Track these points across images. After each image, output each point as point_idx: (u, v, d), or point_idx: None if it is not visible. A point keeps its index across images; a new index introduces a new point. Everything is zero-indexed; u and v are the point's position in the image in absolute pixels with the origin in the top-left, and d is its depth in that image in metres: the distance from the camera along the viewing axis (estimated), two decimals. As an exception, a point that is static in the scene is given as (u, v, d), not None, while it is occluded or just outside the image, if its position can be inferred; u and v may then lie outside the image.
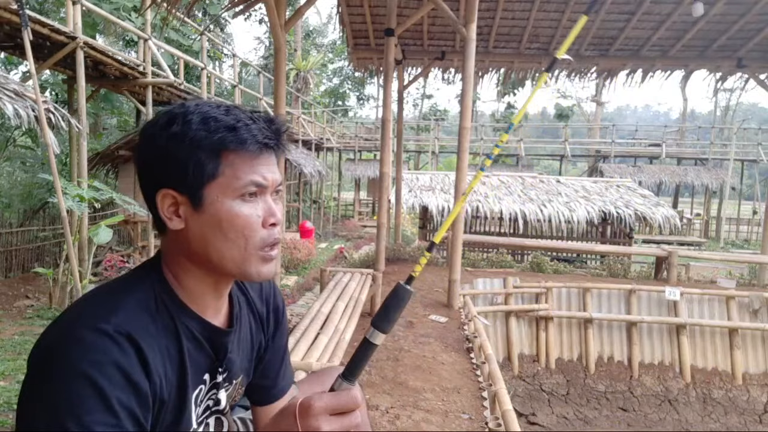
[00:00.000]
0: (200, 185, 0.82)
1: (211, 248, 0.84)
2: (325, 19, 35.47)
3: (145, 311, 0.81)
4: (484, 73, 9.78)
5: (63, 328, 0.77)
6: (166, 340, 0.83)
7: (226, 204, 0.82)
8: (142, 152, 0.86)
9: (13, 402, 3.75)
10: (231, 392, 1.00)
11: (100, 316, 0.76)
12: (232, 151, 0.82)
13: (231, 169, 0.82)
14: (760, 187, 23.08)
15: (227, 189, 0.82)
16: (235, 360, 0.97)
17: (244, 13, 5.91)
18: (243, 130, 0.82)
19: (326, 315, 3.52)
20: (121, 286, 0.85)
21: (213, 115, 0.83)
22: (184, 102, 0.87)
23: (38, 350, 0.77)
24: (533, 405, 6.26)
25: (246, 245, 0.84)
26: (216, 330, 0.91)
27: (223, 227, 0.82)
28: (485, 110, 42.14)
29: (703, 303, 6.59)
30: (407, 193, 10.33)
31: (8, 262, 8.34)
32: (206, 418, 0.95)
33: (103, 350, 0.73)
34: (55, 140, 5.21)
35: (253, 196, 0.84)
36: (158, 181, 0.84)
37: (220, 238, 0.83)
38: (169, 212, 0.84)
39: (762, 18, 7.76)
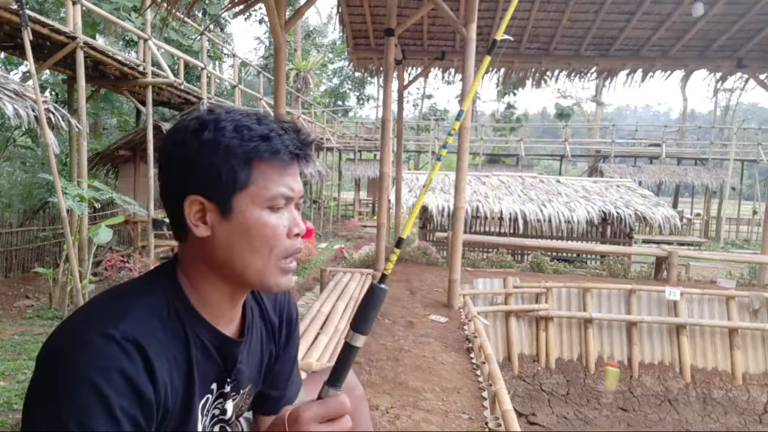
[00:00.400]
0: (231, 193, 0.82)
1: (236, 257, 0.84)
2: (325, 19, 35.50)
3: (155, 317, 0.81)
4: (485, 73, 9.77)
5: (71, 331, 0.77)
6: (174, 348, 0.82)
7: (255, 213, 0.83)
8: (170, 157, 0.85)
9: (13, 402, 3.75)
10: (238, 402, 0.99)
11: (109, 321, 0.76)
12: (264, 161, 0.83)
13: (263, 179, 0.83)
14: (760, 187, 23.08)
15: (257, 198, 0.83)
16: (244, 370, 0.97)
17: (244, 13, 5.91)
18: (276, 140, 0.83)
19: (326, 315, 3.52)
20: (133, 290, 0.85)
21: (246, 123, 0.83)
22: (212, 109, 0.87)
23: (46, 352, 0.77)
24: (533, 405, 6.26)
25: (270, 255, 0.84)
26: (227, 339, 0.91)
27: (251, 236, 0.83)
28: (485, 110, 42.18)
29: (703, 303, 6.59)
30: (407, 193, 10.33)
31: (8, 262, 8.34)
32: (212, 426, 0.95)
33: (110, 356, 0.73)
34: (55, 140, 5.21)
35: (280, 207, 0.85)
36: (187, 187, 0.83)
37: (247, 247, 0.83)
38: (196, 219, 0.83)
39: (762, 18, 7.76)
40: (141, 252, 8.58)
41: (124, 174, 11.27)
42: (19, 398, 3.82)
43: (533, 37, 8.80)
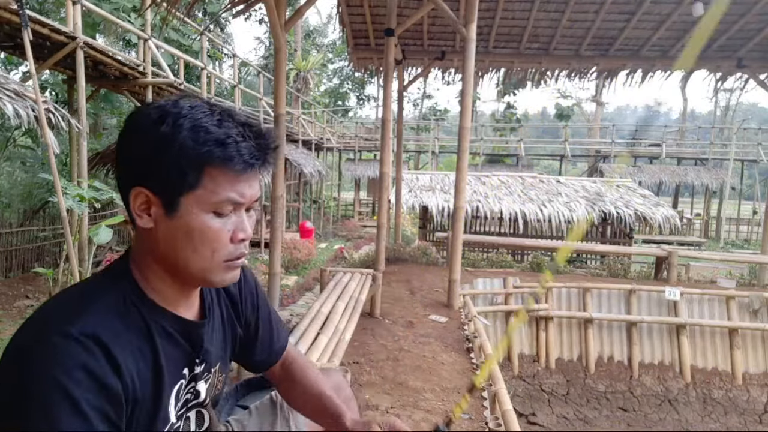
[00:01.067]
0: (178, 192, 0.81)
1: (177, 254, 0.84)
2: (325, 19, 35.46)
3: (113, 311, 0.81)
4: (484, 73, 9.77)
5: (33, 331, 0.78)
6: (138, 341, 0.83)
7: (200, 216, 0.82)
8: (124, 143, 0.85)
9: (13, 402, 3.75)
10: (212, 381, 1.01)
11: (68, 320, 0.76)
12: (215, 167, 0.81)
13: (212, 183, 0.81)
14: (760, 187, 23.08)
15: (204, 202, 0.82)
16: (211, 350, 0.99)
17: (244, 13, 5.91)
18: (231, 147, 0.81)
19: (326, 315, 3.52)
20: (91, 287, 0.86)
21: (204, 124, 0.81)
22: (178, 101, 0.85)
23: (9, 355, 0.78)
24: (533, 405, 6.26)
25: (212, 257, 0.84)
26: (189, 323, 0.92)
27: (193, 238, 0.83)
28: (485, 110, 42.17)
29: (703, 303, 6.59)
30: (407, 193, 10.33)
31: (8, 262, 8.34)
32: (186, 412, 0.96)
33: (71, 354, 0.74)
34: (55, 140, 5.21)
35: (229, 211, 0.84)
36: (135, 177, 0.83)
37: (189, 248, 0.83)
38: (140, 210, 0.84)
39: (762, 18, 7.76)
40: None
41: (124, 174, 11.26)
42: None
43: (533, 37, 8.80)
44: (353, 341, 3.78)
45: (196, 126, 0.81)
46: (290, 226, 15.10)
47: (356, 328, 3.74)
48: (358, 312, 3.91)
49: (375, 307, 4.91)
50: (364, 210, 22.56)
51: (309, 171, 14.62)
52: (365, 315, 4.68)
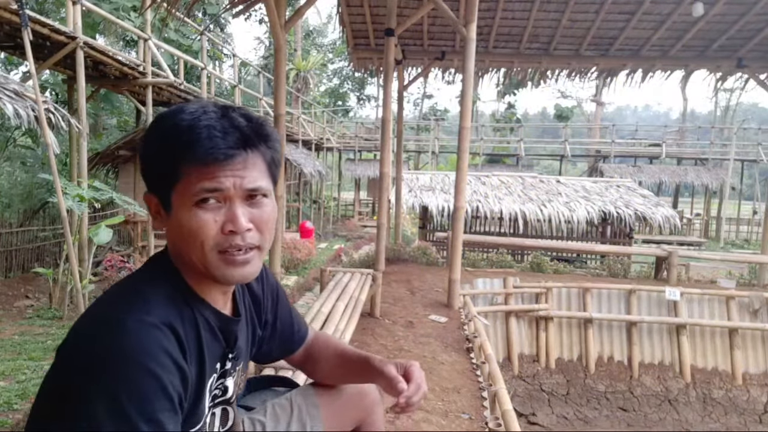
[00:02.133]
0: (166, 191, 0.85)
1: (182, 250, 0.87)
2: (325, 19, 35.46)
3: (172, 303, 0.85)
4: (484, 73, 9.77)
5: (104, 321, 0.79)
6: (190, 331, 0.86)
7: (186, 210, 0.84)
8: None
9: (13, 402, 3.75)
10: (237, 379, 1.04)
11: (142, 309, 0.79)
12: (187, 159, 0.82)
13: (187, 176, 0.83)
14: (760, 187, 23.09)
15: (185, 196, 0.84)
16: (242, 346, 1.02)
17: (244, 13, 5.91)
18: (194, 141, 0.81)
19: (326, 315, 3.52)
20: (146, 280, 0.89)
21: (177, 119, 0.84)
22: (173, 106, 0.90)
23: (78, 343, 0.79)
24: (533, 405, 6.26)
25: (202, 248, 0.85)
26: (228, 319, 0.96)
27: (183, 231, 0.85)
28: (485, 110, 42.17)
29: (703, 303, 6.59)
30: (407, 193, 10.32)
31: (8, 262, 8.35)
32: (213, 407, 0.97)
33: (154, 339, 0.77)
34: (55, 140, 5.21)
35: (213, 203, 0.84)
36: (146, 184, 0.89)
37: (183, 241, 0.86)
38: (154, 212, 0.89)
39: (762, 18, 7.76)
40: (141, 252, 8.58)
41: (124, 174, 11.27)
42: (19, 398, 3.82)
43: (533, 37, 8.80)
44: (353, 341, 3.78)
45: (169, 124, 0.84)
46: (290, 226, 15.10)
47: (356, 328, 3.74)
48: (358, 312, 3.90)
49: (375, 307, 4.91)
50: (364, 210, 22.55)
51: (309, 171, 14.62)
52: (365, 315, 4.68)
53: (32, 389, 3.97)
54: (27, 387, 4.03)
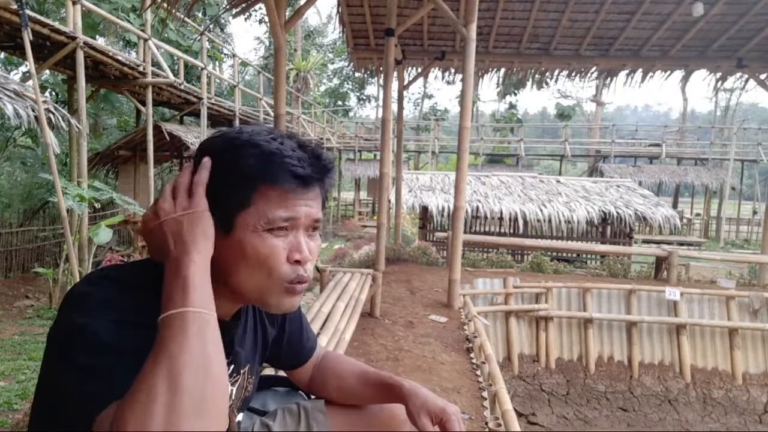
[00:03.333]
0: (233, 212, 0.82)
1: (234, 274, 0.85)
2: (325, 19, 35.46)
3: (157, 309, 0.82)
4: (484, 73, 9.77)
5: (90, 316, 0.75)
6: None
7: (254, 236, 0.82)
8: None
9: (13, 402, 3.75)
10: (240, 383, 1.02)
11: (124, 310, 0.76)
12: (266, 184, 0.82)
13: (264, 201, 0.82)
14: (760, 187, 23.10)
15: (258, 220, 0.82)
16: (241, 351, 1.00)
17: (244, 13, 5.91)
18: (280, 164, 0.82)
19: (326, 315, 3.52)
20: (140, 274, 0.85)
21: (255, 143, 0.83)
22: (242, 128, 0.88)
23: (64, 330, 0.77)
24: (533, 405, 6.26)
25: (269, 276, 0.84)
26: (222, 324, 0.91)
27: (248, 257, 0.83)
28: (485, 110, 42.18)
29: (703, 303, 6.59)
30: (407, 193, 10.33)
31: (8, 262, 8.35)
32: None
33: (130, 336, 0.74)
34: (55, 140, 5.21)
35: (283, 230, 0.84)
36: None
37: (244, 266, 0.84)
38: None
39: (762, 18, 7.75)
40: (141, 252, 8.58)
41: (124, 174, 11.28)
42: (19, 398, 3.82)
43: (533, 37, 8.80)
44: (353, 341, 3.78)
45: (247, 145, 0.83)
46: (290, 226, 15.07)
47: (356, 328, 3.74)
48: (358, 312, 3.91)
49: (375, 307, 4.91)
50: (364, 210, 22.56)
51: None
52: (365, 315, 4.68)
53: (32, 389, 3.97)
54: (27, 387, 4.04)
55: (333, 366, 1.21)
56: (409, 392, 1.06)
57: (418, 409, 1.03)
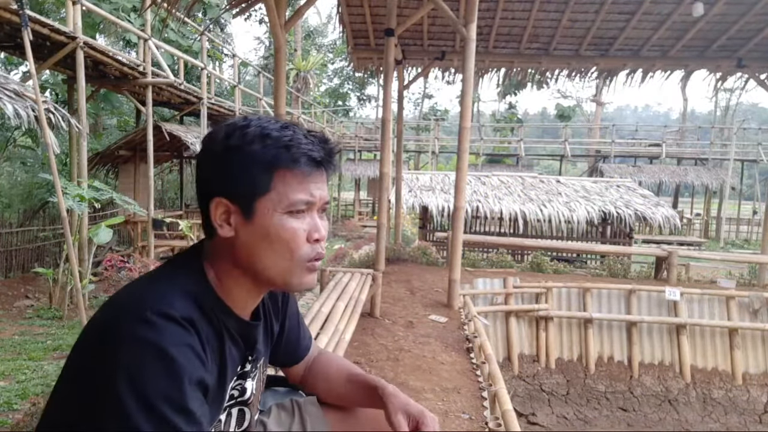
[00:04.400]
0: (253, 197, 0.86)
1: (257, 258, 0.88)
2: (325, 19, 35.45)
3: (195, 303, 0.84)
4: (484, 73, 9.77)
5: (125, 313, 0.79)
6: (209, 333, 0.86)
7: (275, 217, 0.86)
8: (200, 161, 0.91)
9: (13, 402, 3.75)
10: (257, 377, 1.05)
11: (164, 303, 0.79)
12: (284, 168, 0.86)
13: (283, 185, 0.86)
14: (760, 187, 23.09)
15: (278, 204, 0.86)
16: (261, 348, 1.03)
17: (244, 13, 5.91)
18: (296, 149, 0.86)
19: (326, 315, 3.51)
20: (168, 276, 0.88)
21: (270, 131, 0.87)
22: (247, 116, 0.91)
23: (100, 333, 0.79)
24: (533, 405, 6.26)
25: (291, 257, 0.88)
26: (248, 325, 0.97)
27: (271, 239, 0.86)
28: (486, 110, 42.18)
29: (703, 303, 6.59)
30: (407, 193, 10.33)
31: (8, 262, 8.35)
32: (230, 407, 0.99)
33: (177, 333, 0.77)
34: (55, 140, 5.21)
35: (301, 213, 0.88)
36: (213, 190, 0.88)
37: (267, 250, 0.87)
38: (221, 219, 0.88)
39: (762, 18, 7.75)
40: (141, 252, 8.58)
41: (124, 174, 11.28)
42: (19, 398, 3.82)
43: (533, 37, 8.80)
44: (353, 341, 3.78)
45: (262, 134, 0.86)
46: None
47: (356, 328, 3.74)
48: (358, 312, 3.91)
49: (375, 307, 4.91)
50: (364, 210, 22.55)
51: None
52: (365, 315, 4.68)
53: (32, 389, 3.97)
54: (27, 387, 4.03)
55: (323, 369, 1.23)
56: (390, 394, 1.08)
57: (397, 408, 1.04)
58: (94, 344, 0.79)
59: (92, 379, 0.75)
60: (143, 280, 0.89)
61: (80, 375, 0.79)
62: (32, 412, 2.99)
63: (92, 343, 0.80)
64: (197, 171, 0.92)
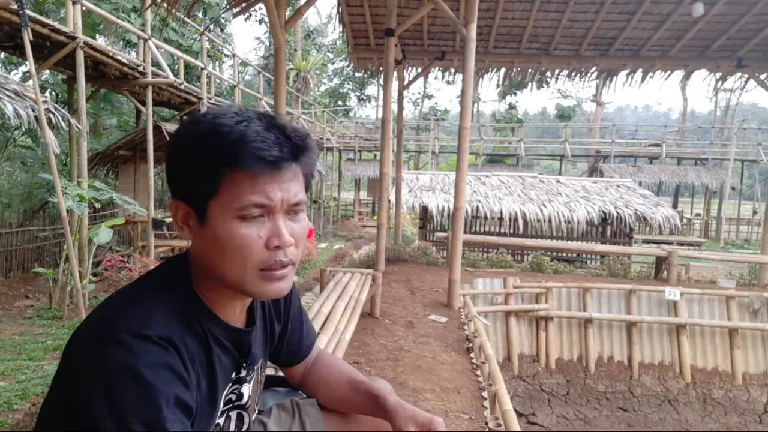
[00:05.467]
0: (203, 200, 0.80)
1: (213, 264, 0.83)
2: (325, 19, 35.45)
3: (177, 318, 0.81)
4: (484, 73, 9.77)
5: (101, 335, 0.76)
6: (196, 347, 0.84)
7: (226, 223, 0.79)
8: (166, 158, 0.87)
9: (13, 402, 3.75)
10: (254, 379, 1.03)
11: (140, 323, 0.76)
12: (232, 169, 0.78)
13: (231, 187, 0.78)
14: (760, 187, 23.07)
15: (227, 208, 0.79)
16: (256, 352, 1.00)
17: (244, 13, 5.92)
18: (243, 148, 0.77)
19: (326, 315, 3.51)
20: (150, 288, 0.85)
21: (219, 126, 0.79)
22: (208, 110, 0.86)
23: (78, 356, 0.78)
24: (533, 405, 6.26)
25: (244, 264, 0.81)
26: (239, 332, 0.93)
27: (223, 245, 0.80)
28: (486, 110, 42.17)
29: (703, 303, 6.59)
30: (407, 193, 10.33)
31: (8, 262, 8.35)
32: (228, 411, 0.98)
33: (154, 354, 0.74)
34: (55, 140, 5.21)
35: (256, 218, 0.80)
36: (172, 189, 0.84)
37: (219, 256, 0.81)
38: (182, 222, 0.84)
39: (762, 18, 7.76)
40: (141, 252, 8.58)
41: (124, 174, 11.27)
42: (19, 398, 3.82)
43: (533, 37, 8.80)
44: (353, 341, 3.78)
45: (211, 130, 0.79)
46: (290, 226, 15.06)
47: (356, 328, 3.74)
48: (358, 312, 3.91)
49: (375, 307, 4.91)
50: (364, 210, 22.56)
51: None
52: (365, 315, 4.68)
53: (32, 389, 3.97)
54: (27, 387, 4.03)
55: (324, 373, 1.19)
56: (395, 405, 1.04)
57: (406, 420, 1.01)
58: (74, 366, 0.77)
59: (73, 402, 0.75)
60: (126, 291, 0.86)
61: (63, 396, 0.78)
62: (32, 412, 2.99)
63: (72, 365, 0.78)
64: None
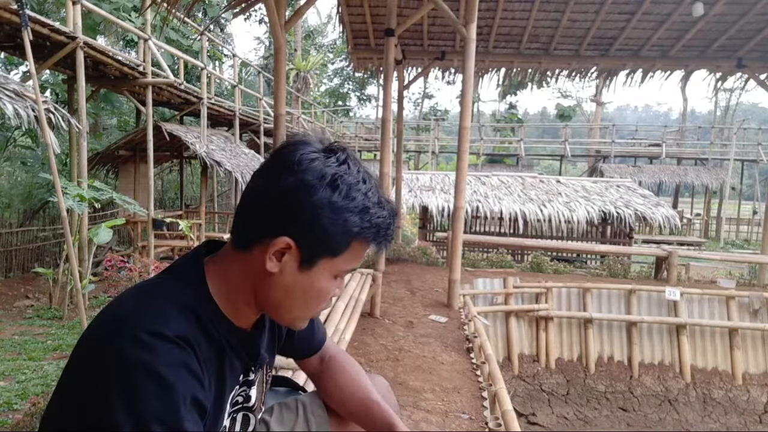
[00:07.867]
0: (320, 255, 0.85)
1: (285, 301, 0.88)
2: (325, 19, 35.43)
3: (192, 318, 0.82)
4: (484, 73, 9.77)
5: (116, 333, 0.76)
6: (208, 349, 0.84)
7: (327, 279, 0.88)
8: (288, 190, 0.82)
9: (13, 402, 3.75)
10: (261, 379, 1.04)
11: (157, 322, 0.77)
12: (363, 244, 0.87)
13: (351, 254, 0.87)
14: (760, 187, 23.07)
15: (335, 267, 0.87)
16: (265, 354, 1.02)
17: (243, 13, 5.92)
18: (386, 234, 0.89)
19: (326, 315, 3.52)
20: (165, 288, 0.85)
21: (368, 205, 0.85)
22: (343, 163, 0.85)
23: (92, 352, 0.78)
24: (533, 405, 6.26)
25: (314, 310, 0.92)
26: (249, 335, 0.95)
27: (312, 295, 0.88)
28: (486, 110, 42.17)
29: (703, 303, 6.59)
30: (407, 193, 10.33)
31: (8, 262, 8.35)
32: (235, 413, 0.99)
33: (171, 353, 0.75)
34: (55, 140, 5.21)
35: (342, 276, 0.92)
36: (282, 225, 0.82)
37: (300, 299, 0.88)
38: (275, 255, 0.84)
39: (762, 18, 7.76)
40: (141, 252, 8.58)
41: (124, 174, 11.27)
42: (19, 398, 3.82)
43: (533, 37, 8.80)
44: (353, 341, 3.78)
45: (365, 207, 0.85)
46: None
47: (356, 328, 3.74)
48: (358, 312, 3.90)
49: (375, 307, 4.91)
50: (364, 210, 22.51)
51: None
52: (365, 315, 4.68)
53: (32, 389, 3.96)
54: (27, 387, 4.03)
55: (340, 378, 1.18)
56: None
57: None
58: (90, 363, 0.77)
59: (87, 399, 0.74)
60: (141, 289, 0.86)
61: (75, 394, 0.77)
62: (32, 412, 2.99)
63: (87, 362, 0.77)
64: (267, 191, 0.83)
